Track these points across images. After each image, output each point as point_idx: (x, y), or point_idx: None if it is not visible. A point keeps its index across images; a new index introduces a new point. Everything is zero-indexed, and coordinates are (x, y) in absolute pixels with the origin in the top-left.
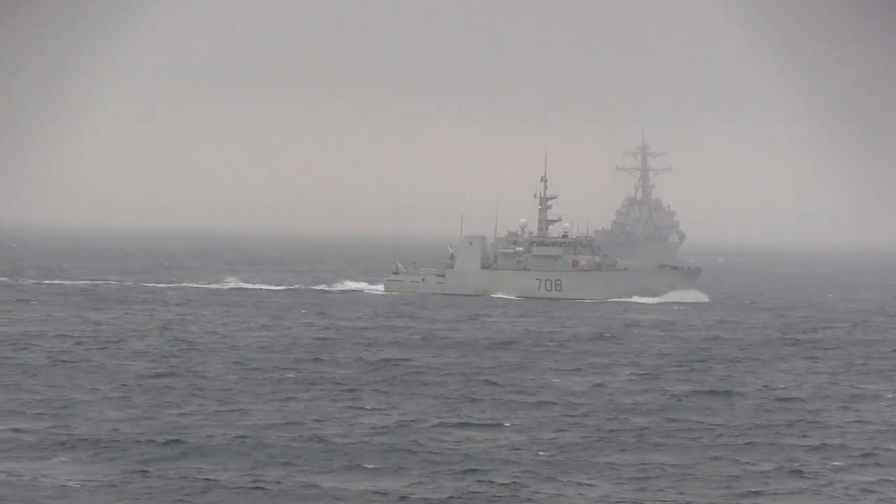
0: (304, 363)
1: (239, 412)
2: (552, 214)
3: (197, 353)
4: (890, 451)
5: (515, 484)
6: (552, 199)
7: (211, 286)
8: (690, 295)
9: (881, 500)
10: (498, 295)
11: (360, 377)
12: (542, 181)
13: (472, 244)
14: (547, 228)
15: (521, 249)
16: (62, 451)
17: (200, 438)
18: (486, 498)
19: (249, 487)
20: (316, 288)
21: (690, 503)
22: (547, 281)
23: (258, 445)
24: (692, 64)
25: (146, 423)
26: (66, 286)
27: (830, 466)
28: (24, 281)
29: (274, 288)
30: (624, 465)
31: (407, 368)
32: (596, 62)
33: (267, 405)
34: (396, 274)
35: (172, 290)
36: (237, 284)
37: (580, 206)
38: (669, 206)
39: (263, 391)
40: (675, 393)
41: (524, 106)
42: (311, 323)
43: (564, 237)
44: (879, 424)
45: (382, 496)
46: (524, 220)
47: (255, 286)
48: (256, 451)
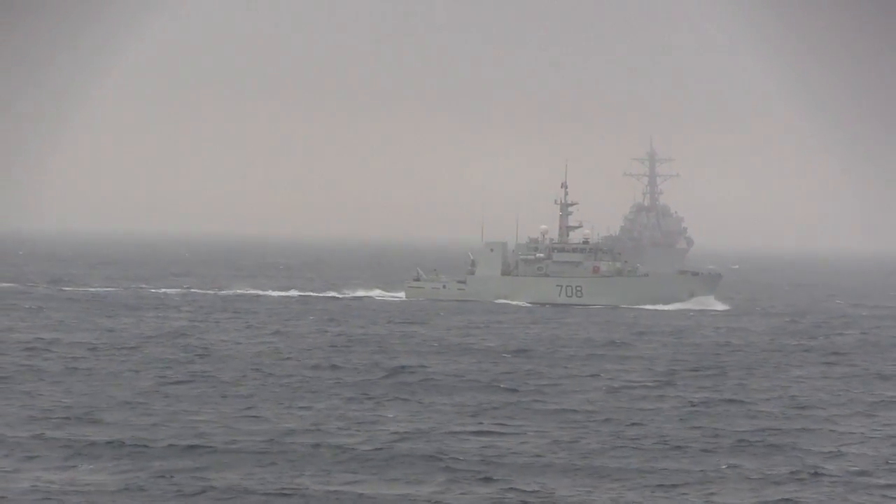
0: (322, 370)
1: (260, 419)
2: (573, 221)
3: (214, 359)
4: None
5: (541, 491)
6: (573, 205)
7: (223, 293)
8: (710, 301)
9: None
10: (519, 301)
11: (379, 384)
12: (562, 187)
13: (492, 251)
14: (568, 235)
15: (541, 256)
16: (85, 458)
17: (223, 445)
18: None
19: (274, 494)
20: (335, 295)
21: None
22: (567, 287)
23: (280, 452)
24: (698, 70)
25: (167, 429)
26: (78, 293)
27: (851, 471)
28: (35, 288)
29: (290, 294)
30: (647, 471)
31: (424, 375)
32: (601, 67)
33: (288, 411)
34: (417, 280)
35: (183, 296)
36: (253, 291)
37: (589, 211)
38: (677, 212)
39: (283, 397)
40: (693, 399)
41: (543, 112)
42: (328, 330)
43: (585, 243)
44: None
45: (409, 503)
46: (545, 226)
47: (274, 293)
48: (279, 457)
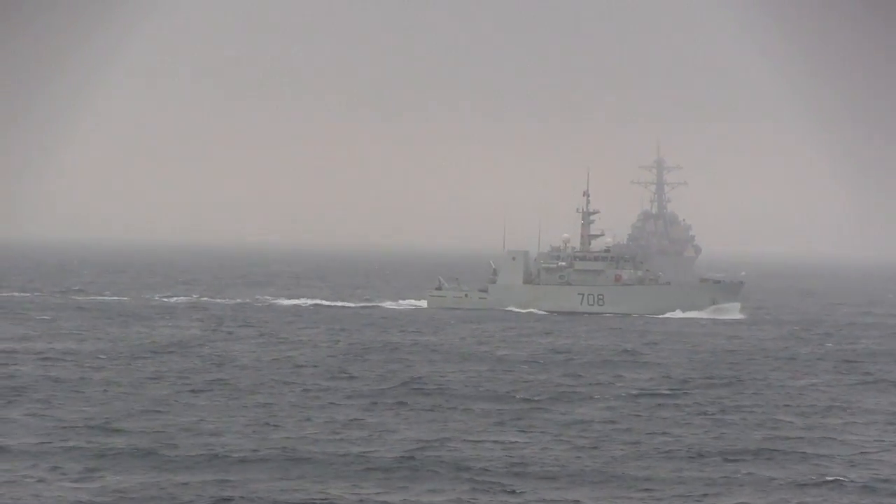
0: (341, 379)
1: (280, 427)
2: (595, 229)
3: (231, 368)
4: None
5: (566, 500)
6: (595, 213)
7: (233, 301)
8: (732, 309)
9: None
10: (541, 310)
11: (397, 393)
12: (584, 196)
13: (514, 259)
14: (590, 243)
15: (563, 264)
16: (108, 467)
17: (245, 454)
18: None
19: (295, 502)
20: (355, 304)
21: None
22: (589, 295)
23: (303, 461)
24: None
25: (188, 437)
26: (90, 302)
27: (872, 478)
28: (46, 297)
29: (314, 302)
30: (674, 481)
31: (441, 384)
32: (608, 74)
33: (308, 421)
34: (439, 289)
35: (193, 304)
36: (279, 300)
37: (597, 219)
38: (685, 219)
39: (302, 406)
40: (711, 408)
41: (563, 119)
42: (346, 338)
43: (607, 252)
44: None
45: None
46: (567, 234)
47: (294, 301)
48: (301, 466)
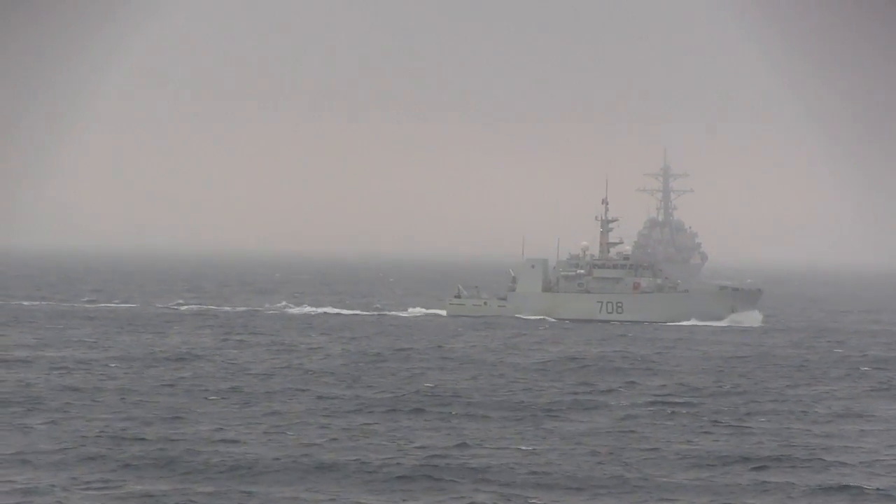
0: (356, 387)
1: (297, 435)
2: (613, 237)
3: (247, 376)
4: None
5: None
6: (613, 221)
7: (247, 308)
8: (752, 318)
9: None
10: (559, 318)
11: (414, 400)
12: (603, 203)
13: (533, 267)
14: (608, 251)
15: (582, 272)
16: (128, 475)
17: (264, 461)
18: None
19: None
20: (374, 313)
21: None
22: (608, 303)
23: (321, 468)
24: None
25: (206, 445)
26: (100, 309)
27: (893, 486)
28: (56, 305)
29: (328, 311)
30: (691, 486)
31: (458, 391)
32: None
33: (327, 429)
34: (458, 297)
35: (202, 312)
36: (300, 309)
37: (590, 226)
38: (691, 227)
39: (320, 414)
40: (727, 416)
41: (582, 127)
42: (363, 346)
43: (625, 259)
44: None
45: None
46: (585, 242)
47: (309, 309)
48: (320, 473)
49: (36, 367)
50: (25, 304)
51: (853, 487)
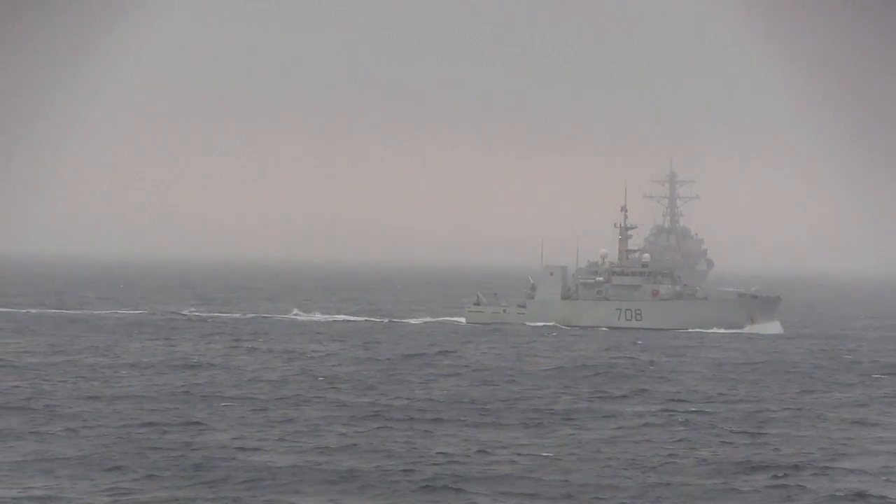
0: (373, 395)
1: (321, 442)
2: (632, 244)
3: (261, 383)
4: None
5: None
6: (632, 228)
7: (257, 315)
8: (770, 325)
9: None
10: (578, 325)
11: (432, 406)
12: (622, 211)
13: (552, 274)
14: (627, 258)
15: (601, 279)
16: (152, 484)
17: (285, 469)
18: None
19: None
20: (387, 319)
21: None
22: (627, 311)
23: (344, 476)
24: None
25: (226, 452)
26: (109, 316)
27: None
28: (65, 312)
29: (351, 319)
30: (715, 492)
31: (475, 398)
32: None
33: (347, 437)
34: (478, 305)
35: (211, 319)
36: (319, 317)
37: (596, 233)
38: (697, 233)
39: (337, 422)
40: (744, 422)
41: (603, 135)
42: (381, 352)
43: (644, 267)
44: None
45: None
46: (605, 249)
47: (327, 317)
48: (344, 480)
49: (50, 374)
50: (34, 311)
51: (870, 496)
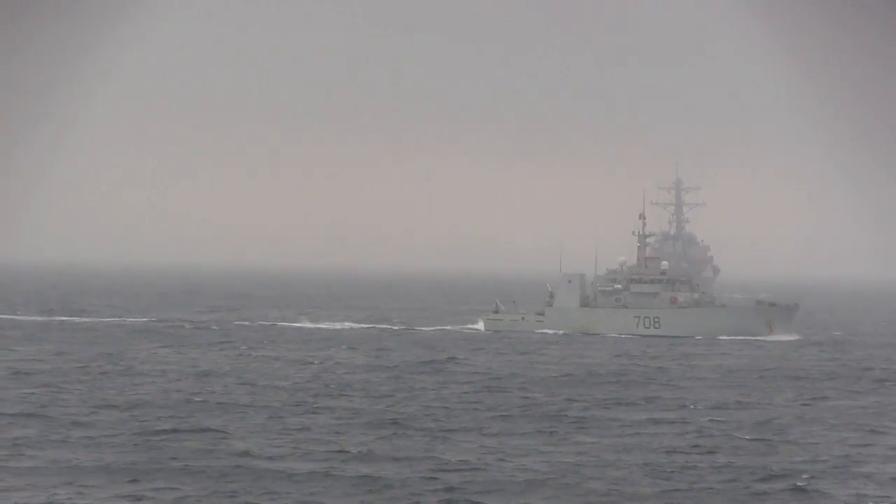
0: (388, 402)
1: (342, 447)
2: (651, 251)
3: (274, 389)
4: None
5: None
6: (650, 236)
7: (268, 323)
8: (788, 332)
9: None
10: (597, 333)
11: (442, 413)
12: (640, 218)
13: (571, 282)
14: (646, 266)
15: (619, 287)
16: (171, 490)
17: (305, 476)
18: None
19: None
20: (412, 328)
21: None
22: (646, 318)
23: (363, 484)
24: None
25: (248, 460)
26: (123, 323)
27: None
28: (73, 319)
29: (364, 326)
30: (736, 497)
31: (491, 405)
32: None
33: (367, 444)
34: (496, 312)
35: (221, 325)
36: (337, 325)
37: (616, 240)
38: (703, 240)
39: (353, 426)
40: (761, 429)
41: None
42: (397, 359)
43: (663, 274)
44: None
45: None
46: (623, 257)
47: (359, 325)
48: (366, 491)
49: (63, 382)
50: (39, 319)
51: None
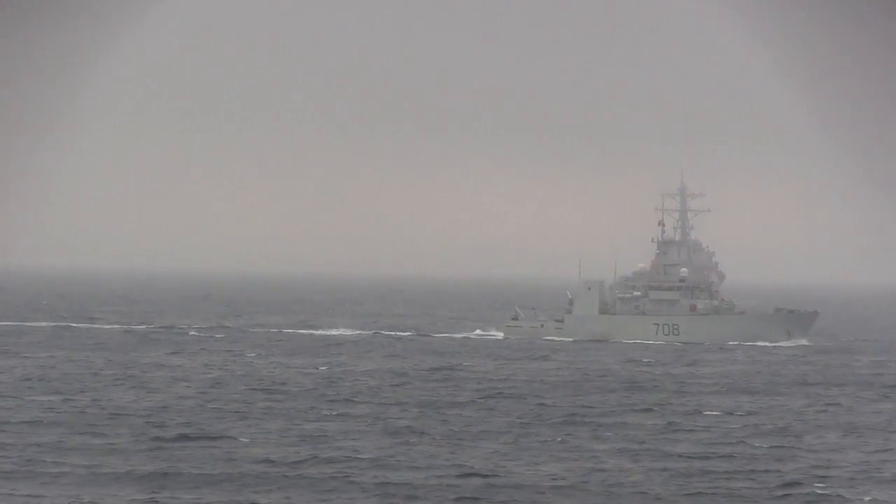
0: (403, 406)
1: (362, 452)
2: (669, 259)
3: (289, 394)
4: None
5: None
6: (669, 243)
7: (284, 330)
8: (805, 339)
9: None
10: (616, 340)
11: (457, 418)
12: (659, 225)
13: (590, 289)
14: (665, 273)
15: (638, 294)
16: (191, 492)
17: (322, 480)
18: None
19: None
20: (430, 335)
21: None
22: (665, 325)
23: (390, 490)
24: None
25: (267, 466)
26: (140, 330)
27: None
28: (89, 325)
29: (382, 332)
30: (758, 498)
31: (505, 409)
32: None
33: (384, 451)
34: (515, 319)
35: (229, 331)
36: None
37: (627, 246)
38: (708, 246)
39: (369, 430)
40: (776, 436)
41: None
42: (414, 365)
43: (682, 281)
44: None
45: None
46: (642, 264)
47: (359, 331)
48: (388, 495)
49: (79, 388)
50: (43, 324)
51: None
